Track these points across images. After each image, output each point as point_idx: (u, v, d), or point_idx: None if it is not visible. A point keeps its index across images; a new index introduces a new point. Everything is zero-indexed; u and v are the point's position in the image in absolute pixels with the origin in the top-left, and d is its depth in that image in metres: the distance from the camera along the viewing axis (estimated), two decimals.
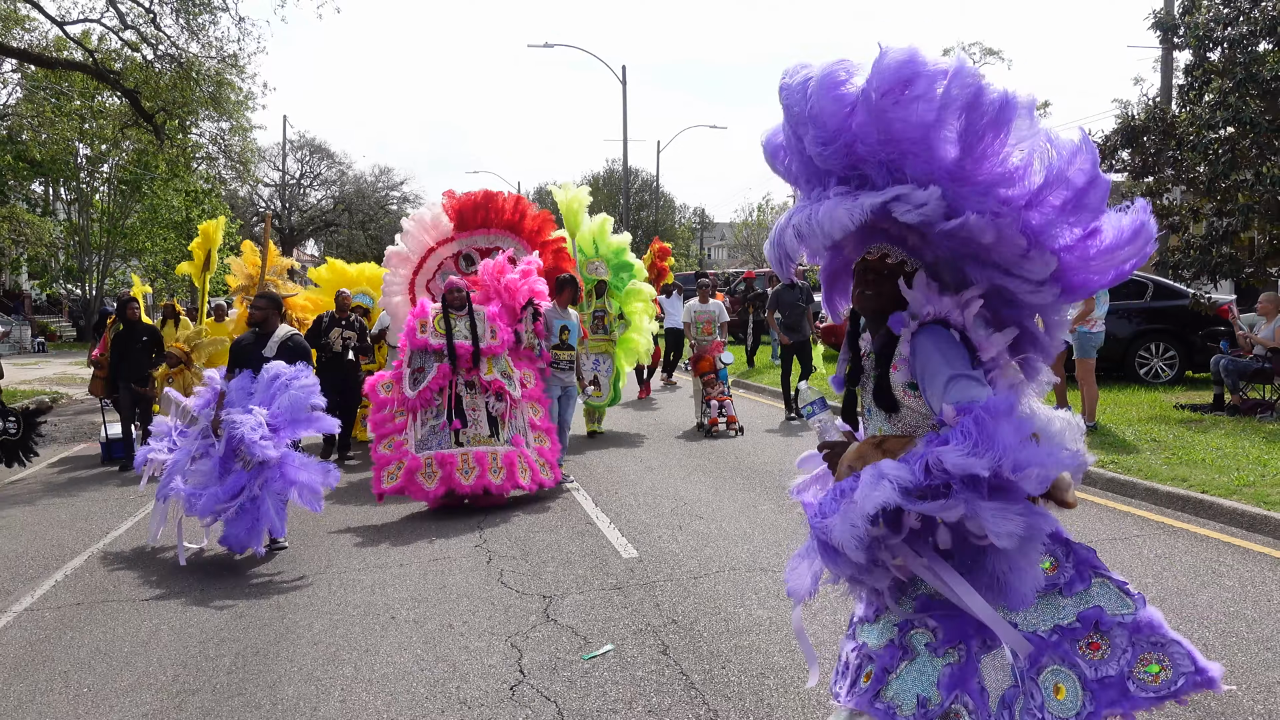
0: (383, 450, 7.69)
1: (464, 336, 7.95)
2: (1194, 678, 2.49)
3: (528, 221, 9.83)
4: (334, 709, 4.03)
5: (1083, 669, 2.47)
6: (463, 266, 9.74)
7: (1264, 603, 4.86)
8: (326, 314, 10.52)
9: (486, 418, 7.99)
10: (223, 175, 24.21)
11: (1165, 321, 13.53)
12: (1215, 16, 10.75)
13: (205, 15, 16.43)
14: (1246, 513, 6.36)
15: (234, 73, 17.69)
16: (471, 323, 8.00)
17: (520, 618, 5.11)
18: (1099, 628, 2.50)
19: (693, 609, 5.11)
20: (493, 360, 8.02)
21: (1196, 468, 7.64)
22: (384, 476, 7.59)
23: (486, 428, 7.97)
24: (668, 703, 3.99)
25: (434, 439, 7.82)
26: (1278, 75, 10.40)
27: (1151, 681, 2.49)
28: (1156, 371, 13.42)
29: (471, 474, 7.67)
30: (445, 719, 3.90)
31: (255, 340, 6.99)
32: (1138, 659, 2.50)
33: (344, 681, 4.32)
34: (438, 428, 7.84)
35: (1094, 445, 8.69)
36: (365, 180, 45.53)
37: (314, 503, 6.27)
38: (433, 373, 7.85)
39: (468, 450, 7.76)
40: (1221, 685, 2.52)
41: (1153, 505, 7.03)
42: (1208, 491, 6.88)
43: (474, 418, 7.95)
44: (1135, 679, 2.48)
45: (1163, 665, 2.51)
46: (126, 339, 10.31)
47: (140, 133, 20.79)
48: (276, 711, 4.02)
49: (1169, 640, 2.53)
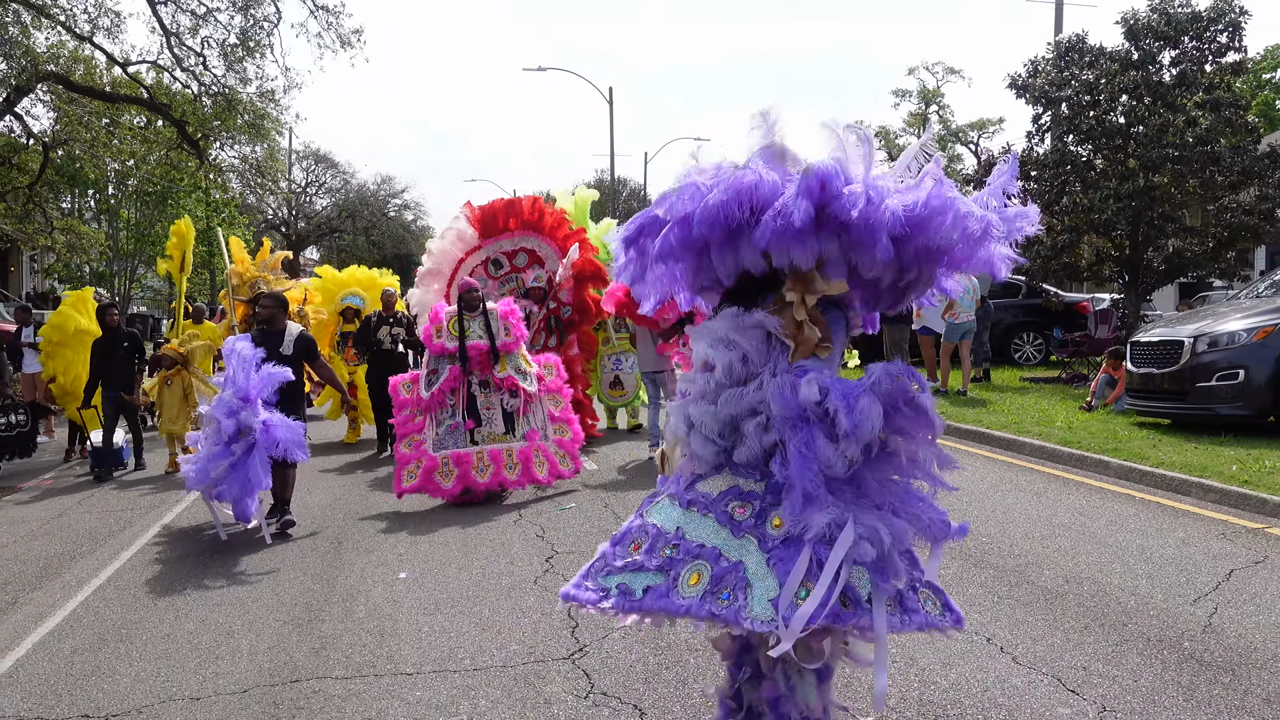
0: (403, 449, 7.76)
1: (479, 336, 7.97)
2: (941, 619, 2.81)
3: (547, 219, 10.10)
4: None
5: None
6: (492, 271, 10.13)
7: (1043, 499, 7.55)
8: (375, 313, 10.70)
9: (502, 415, 8.08)
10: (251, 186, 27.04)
11: (1035, 315, 16.73)
12: (1052, 80, 13.93)
13: (250, 63, 19.41)
14: (1032, 444, 8.99)
15: (271, 106, 20.66)
16: (486, 322, 8.02)
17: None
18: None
19: None
20: (507, 357, 8.03)
21: (1016, 417, 10.68)
22: (404, 475, 7.65)
23: (502, 425, 8.06)
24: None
25: (450, 438, 7.90)
26: (1092, 127, 13.57)
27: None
28: (1028, 355, 16.63)
29: (487, 471, 7.72)
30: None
31: (264, 337, 7.22)
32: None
33: None
34: (452, 427, 7.95)
35: (958, 405, 11.77)
36: (368, 189, 48.31)
37: (299, 453, 6.78)
38: (444, 375, 7.91)
39: (483, 449, 7.82)
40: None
41: (987, 445, 9.64)
42: (1020, 433, 9.71)
43: (489, 416, 8.04)
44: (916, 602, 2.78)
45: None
46: (107, 346, 9.82)
47: (180, 155, 23.69)
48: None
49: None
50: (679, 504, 3.01)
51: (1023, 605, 4.92)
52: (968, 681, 3.99)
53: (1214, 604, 4.81)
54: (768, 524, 2.82)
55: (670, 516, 3.00)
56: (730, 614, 2.71)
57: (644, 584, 2.88)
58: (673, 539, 2.92)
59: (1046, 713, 3.69)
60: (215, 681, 4.41)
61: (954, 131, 43.69)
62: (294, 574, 6.13)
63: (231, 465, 6.63)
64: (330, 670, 4.47)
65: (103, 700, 4.27)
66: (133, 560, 6.73)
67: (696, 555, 2.86)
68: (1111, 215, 12.72)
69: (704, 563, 2.83)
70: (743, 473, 2.95)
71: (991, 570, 5.52)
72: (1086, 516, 6.69)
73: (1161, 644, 4.32)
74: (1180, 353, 8.89)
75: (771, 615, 2.65)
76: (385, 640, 4.83)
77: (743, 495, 2.92)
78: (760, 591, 2.70)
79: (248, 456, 6.62)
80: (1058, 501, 7.18)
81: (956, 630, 2.84)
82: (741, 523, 2.87)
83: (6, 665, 4.77)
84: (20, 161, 22.88)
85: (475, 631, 4.88)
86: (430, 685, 4.23)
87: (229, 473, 6.63)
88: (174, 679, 4.47)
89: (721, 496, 2.95)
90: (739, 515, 2.89)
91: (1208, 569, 5.38)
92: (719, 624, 2.80)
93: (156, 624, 5.30)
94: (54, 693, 4.39)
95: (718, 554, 2.83)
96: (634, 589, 2.89)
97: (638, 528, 3.06)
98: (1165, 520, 6.53)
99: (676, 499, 3.05)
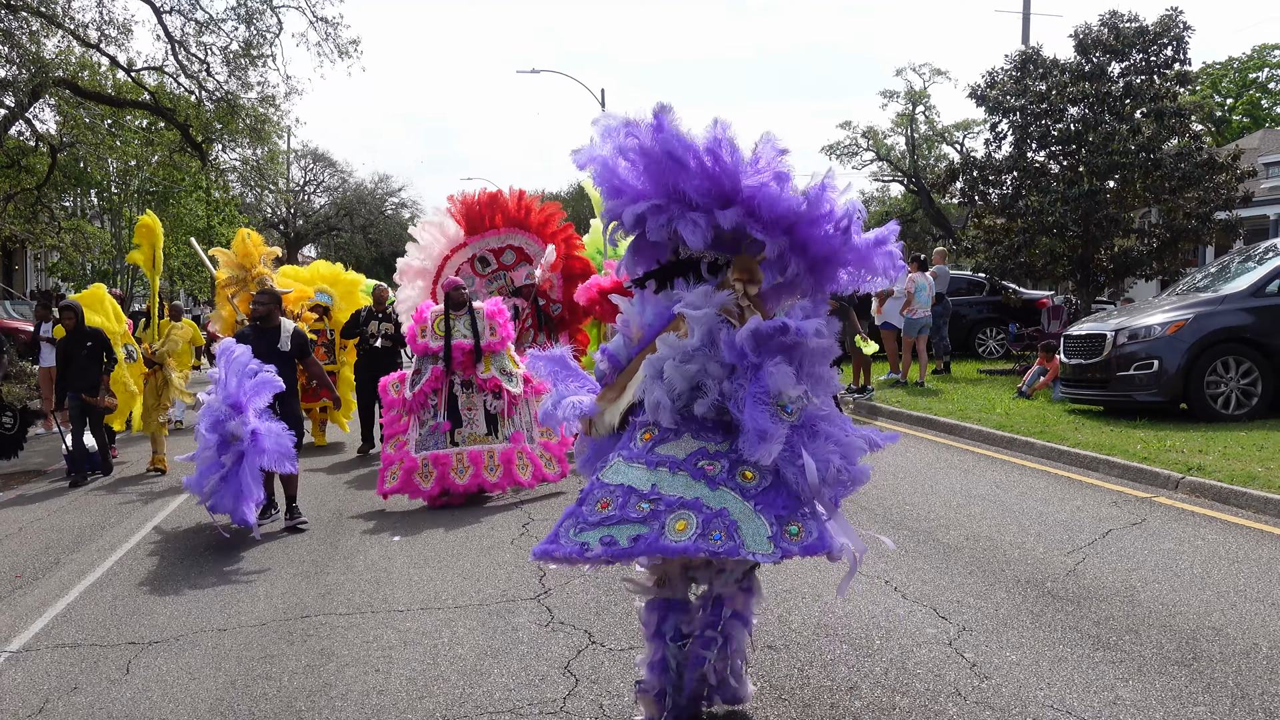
0: (388, 450, 7.75)
1: (464, 335, 7.87)
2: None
3: (534, 216, 9.81)
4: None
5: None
6: (479, 268, 9.89)
7: (969, 475, 8.35)
8: (364, 309, 10.68)
9: (484, 416, 7.92)
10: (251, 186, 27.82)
11: (997, 311, 17.58)
12: (1007, 90, 14.80)
13: (253, 70, 20.22)
14: (971, 429, 9.81)
15: (272, 110, 21.46)
16: (472, 321, 7.92)
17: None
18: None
19: None
20: (491, 358, 7.91)
21: (962, 405, 11.54)
22: (386, 476, 7.61)
23: (483, 426, 7.89)
24: None
25: (431, 439, 7.77)
26: (1045, 134, 14.44)
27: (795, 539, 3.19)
28: (991, 349, 17.49)
29: (466, 473, 7.63)
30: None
31: (258, 333, 7.22)
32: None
33: None
34: (434, 428, 7.82)
35: (914, 395, 12.61)
36: (365, 187, 49.04)
37: (286, 464, 6.68)
38: (426, 375, 7.81)
39: (462, 450, 7.71)
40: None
41: (932, 430, 10.46)
42: (963, 419, 10.63)
43: (470, 417, 7.89)
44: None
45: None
46: (70, 346, 9.32)
47: (185, 157, 24.50)
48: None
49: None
50: (645, 464, 3.36)
51: (923, 557, 5.76)
52: (860, 611, 4.84)
53: (1083, 555, 5.66)
54: (738, 477, 3.29)
55: (638, 476, 3.33)
56: (730, 549, 3.11)
57: (630, 534, 3.20)
58: (649, 495, 3.26)
59: (917, 632, 4.54)
60: (238, 618, 5.25)
61: (939, 132, 44.58)
62: (301, 538, 6.97)
63: (222, 478, 6.59)
64: (335, 609, 5.30)
65: (144, 632, 5.10)
66: (148, 537, 7.55)
67: (677, 506, 3.21)
68: (1060, 217, 13.57)
69: (688, 511, 3.20)
70: (706, 436, 3.38)
71: (906, 530, 6.36)
72: (1002, 489, 7.54)
73: (1028, 584, 5.17)
74: (1104, 345, 9.74)
75: (770, 549, 3.13)
76: (380, 586, 5.67)
77: (710, 455, 3.35)
78: (750, 531, 3.14)
79: (237, 467, 6.55)
80: (981, 477, 8.03)
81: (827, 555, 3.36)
82: (715, 477, 3.29)
83: (60, 608, 5.60)
84: (28, 164, 23.65)
85: (457, 579, 5.73)
86: (417, 619, 5.06)
87: (220, 485, 6.59)
88: (202, 616, 5.31)
89: (690, 457, 3.35)
90: (710, 471, 3.31)
91: (1090, 529, 6.23)
92: (717, 559, 3.25)
93: (183, 577, 6.13)
94: (103, 626, 5.23)
95: (700, 504, 3.21)
96: (619, 539, 3.20)
97: (599, 488, 3.37)
98: (1069, 491, 7.38)
99: (638, 461, 3.38)
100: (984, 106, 14.93)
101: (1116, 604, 4.81)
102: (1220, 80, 48.94)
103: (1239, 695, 3.74)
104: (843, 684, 4.00)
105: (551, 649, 4.53)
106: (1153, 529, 6.21)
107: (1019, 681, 3.94)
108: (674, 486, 3.27)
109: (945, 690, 3.89)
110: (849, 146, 47.09)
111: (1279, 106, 48.14)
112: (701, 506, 3.21)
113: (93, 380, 9.35)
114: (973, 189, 14.75)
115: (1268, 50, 47.02)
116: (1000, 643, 4.37)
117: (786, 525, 3.21)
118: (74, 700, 4.25)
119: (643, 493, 3.27)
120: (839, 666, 4.18)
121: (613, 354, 3.70)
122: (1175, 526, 6.26)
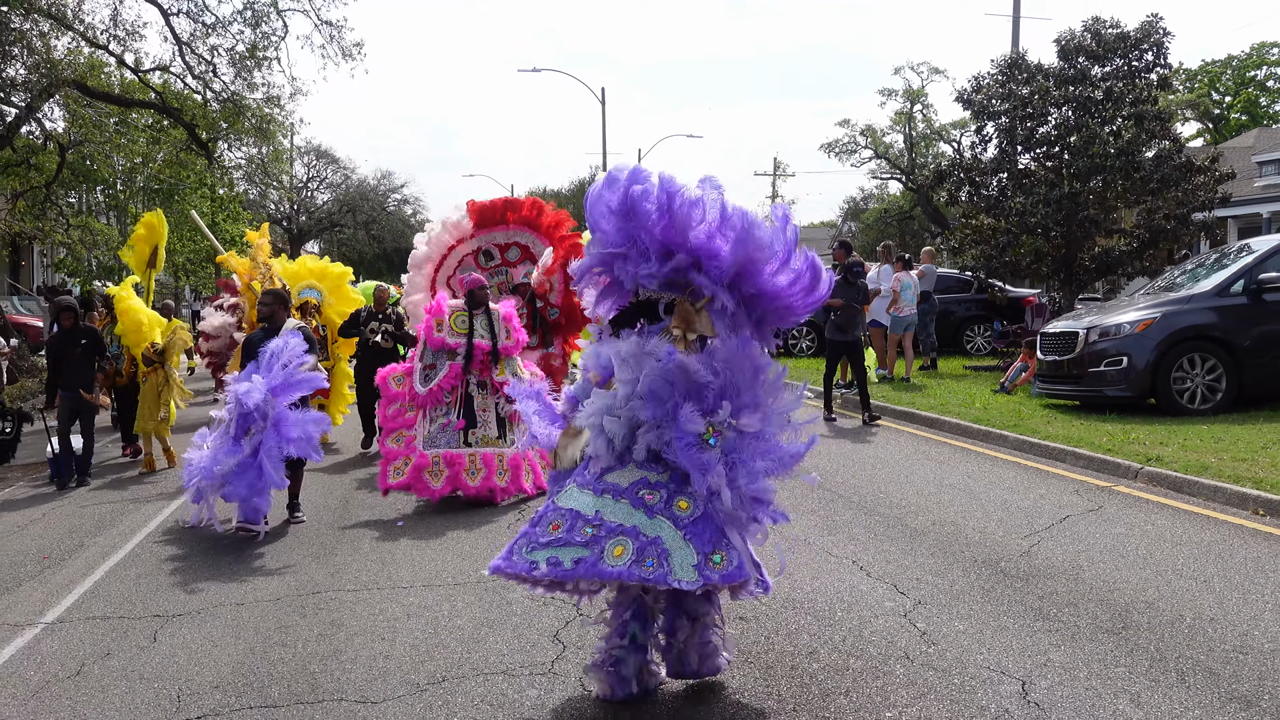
0: (391, 444, 7.55)
1: (482, 336, 7.76)
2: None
3: (545, 217, 9.74)
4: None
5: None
6: (482, 261, 9.77)
7: (943, 465, 8.75)
8: (365, 308, 10.57)
9: (496, 419, 7.81)
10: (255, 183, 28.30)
11: (985, 309, 17.99)
12: (992, 94, 15.21)
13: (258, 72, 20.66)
14: (950, 422, 10.19)
15: (277, 110, 21.90)
16: (489, 321, 7.83)
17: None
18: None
19: None
20: (506, 361, 7.82)
21: (944, 400, 11.96)
22: (390, 471, 7.44)
23: (495, 429, 7.78)
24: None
25: (442, 437, 7.61)
26: (1028, 137, 14.86)
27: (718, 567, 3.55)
28: (979, 346, 17.89)
29: (478, 475, 7.49)
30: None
31: (265, 335, 7.19)
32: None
33: None
34: (445, 426, 7.66)
35: (899, 390, 13.01)
36: (368, 184, 49.47)
37: (312, 453, 6.63)
38: (444, 371, 7.66)
39: (476, 451, 7.58)
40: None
41: (914, 424, 10.87)
42: (943, 414, 11.06)
43: (483, 418, 7.77)
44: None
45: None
46: (64, 344, 9.25)
47: (191, 156, 24.94)
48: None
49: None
50: (593, 491, 3.74)
51: (890, 539, 6.18)
52: (827, 587, 5.26)
53: (1039, 539, 6.07)
54: (674, 507, 3.66)
55: (585, 502, 3.70)
56: (658, 577, 3.48)
57: (573, 556, 3.57)
58: (593, 520, 3.63)
59: (876, 605, 4.96)
60: (253, 594, 5.67)
61: (936, 130, 44.97)
62: (310, 525, 7.40)
63: (240, 464, 6.47)
64: (343, 586, 5.72)
65: (167, 606, 5.53)
66: (165, 522, 7.98)
67: (617, 532, 3.58)
68: (1042, 218, 13.98)
69: (625, 538, 3.56)
70: (647, 467, 3.76)
71: (878, 516, 6.78)
72: (972, 479, 7.95)
73: (983, 564, 5.59)
74: (1076, 342, 10.15)
75: (695, 577, 3.48)
76: (385, 566, 6.09)
77: (650, 485, 3.72)
78: (679, 559, 3.51)
79: (256, 455, 6.48)
80: (953, 467, 8.45)
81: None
82: (653, 506, 3.66)
83: (87, 585, 6.02)
84: (38, 162, 24.07)
85: (456, 559, 6.16)
86: (420, 595, 5.48)
87: (236, 471, 6.47)
88: (221, 592, 5.73)
89: (632, 486, 3.72)
90: (649, 500, 3.67)
91: (1049, 515, 6.65)
92: (647, 585, 3.57)
93: (201, 558, 6.56)
94: (129, 601, 5.65)
95: (637, 531, 3.58)
96: (563, 560, 3.57)
97: (552, 511, 3.75)
98: (1034, 480, 7.79)
99: (588, 488, 3.77)
100: (970, 110, 15.31)
101: (1061, 581, 5.23)
102: (1219, 78, 49.26)
103: (1157, 658, 4.16)
104: (804, 649, 4.42)
105: (542, 620, 4.95)
106: (1108, 515, 6.62)
107: (962, 647, 4.36)
108: (616, 513, 3.65)
109: (895, 654, 4.31)
110: (848, 145, 47.53)
111: (1278, 104, 48.37)
112: (638, 534, 3.59)
113: (87, 378, 9.31)
114: (959, 190, 15.14)
115: (1267, 48, 47.30)
116: (950, 614, 4.78)
117: (711, 555, 3.58)
118: (108, 664, 4.67)
119: (588, 518, 3.65)
120: (801, 635, 4.60)
121: (572, 396, 4.14)
122: (1129, 513, 6.67)
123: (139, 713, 4.10)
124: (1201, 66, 49.28)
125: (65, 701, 4.26)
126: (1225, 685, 3.87)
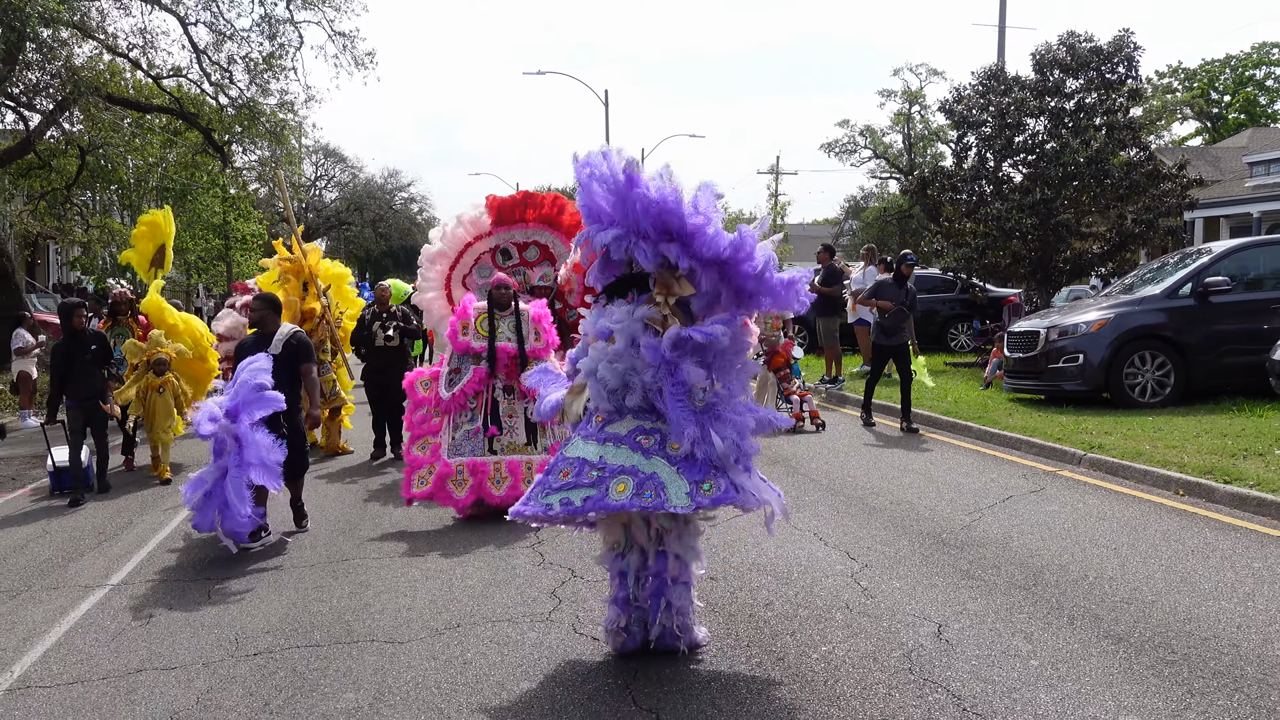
0: (416, 452, 7.30)
1: (508, 338, 7.46)
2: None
3: (566, 216, 9.25)
4: None
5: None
6: (499, 260, 9.32)
7: (909, 453, 9.51)
8: (368, 310, 10.36)
9: (524, 424, 7.48)
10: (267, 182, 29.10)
11: (968, 308, 18.81)
12: (972, 105, 16.01)
13: (274, 80, 21.51)
14: (922, 414, 11.06)
15: (291, 116, 22.74)
16: (517, 323, 7.51)
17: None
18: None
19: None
20: (536, 364, 7.13)
21: (919, 394, 12.74)
22: (414, 480, 7.21)
23: (523, 435, 7.46)
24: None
25: (468, 444, 7.35)
26: (1005, 146, 15.64)
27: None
28: (962, 343, 18.70)
29: (504, 484, 7.21)
30: None
31: (257, 341, 6.99)
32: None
33: None
34: (471, 433, 7.38)
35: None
36: (375, 182, 50.27)
37: (271, 481, 6.25)
38: (468, 375, 7.42)
39: (501, 459, 7.30)
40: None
41: (890, 415, 11.71)
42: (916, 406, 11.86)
43: (510, 424, 7.44)
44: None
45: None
46: (72, 350, 8.70)
47: (206, 158, 25.82)
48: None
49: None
50: (596, 441, 4.29)
51: (850, 515, 6.98)
52: (788, 554, 6.06)
53: (981, 515, 6.87)
54: (667, 448, 4.20)
55: (590, 450, 4.25)
56: (656, 504, 4.00)
57: (582, 495, 4.11)
58: (597, 465, 4.18)
59: (828, 568, 5.76)
60: (290, 561, 6.46)
61: (934, 131, 45.69)
62: (335, 507, 8.21)
63: (206, 493, 6.23)
64: (368, 555, 6.53)
65: (216, 571, 6.32)
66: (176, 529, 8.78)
67: (619, 472, 4.12)
68: (1018, 223, 14.76)
69: (626, 476, 4.10)
70: (642, 416, 4.33)
71: (842, 496, 7.58)
72: (933, 464, 8.75)
73: (927, 536, 6.39)
74: (1038, 340, 10.94)
75: (687, 501, 4.01)
76: (404, 538, 6.90)
77: (645, 431, 4.27)
78: (674, 489, 4.03)
79: (221, 481, 6.20)
80: (918, 455, 9.24)
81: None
82: (649, 449, 4.20)
83: (143, 555, 6.83)
84: (58, 164, 24.91)
85: (467, 532, 6.97)
86: (436, 561, 6.29)
87: (203, 501, 6.24)
88: (261, 559, 6.52)
89: (630, 434, 4.28)
90: (645, 444, 4.22)
91: (994, 495, 7.44)
92: (647, 512, 4.10)
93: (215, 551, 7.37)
94: (181, 568, 6.46)
95: (635, 470, 4.12)
96: (574, 499, 4.12)
97: (562, 460, 4.29)
98: (989, 466, 8.59)
99: (592, 438, 4.31)
100: (951, 119, 16.09)
101: (991, 549, 6.02)
102: (1217, 77, 49.82)
103: (1055, 608, 4.95)
104: (761, 602, 5.22)
105: (542, 581, 5.76)
106: (1047, 495, 7.42)
107: (895, 600, 5.16)
108: (617, 457, 4.21)
109: (838, 605, 5.11)
110: (847, 144, 48.33)
111: (1277, 104, 48.83)
112: (637, 472, 4.15)
113: (98, 386, 8.89)
114: (941, 196, 15.93)
115: (1267, 48, 47.77)
116: (891, 575, 5.58)
117: (701, 484, 4.23)
118: (172, 615, 5.48)
119: (593, 463, 4.20)
120: (761, 591, 5.40)
121: (574, 358, 4.79)
122: (1067, 494, 7.47)
123: (207, 651, 4.90)
124: (1201, 66, 49.83)
125: (142, 643, 5.06)
126: (1105, 627, 4.66)
